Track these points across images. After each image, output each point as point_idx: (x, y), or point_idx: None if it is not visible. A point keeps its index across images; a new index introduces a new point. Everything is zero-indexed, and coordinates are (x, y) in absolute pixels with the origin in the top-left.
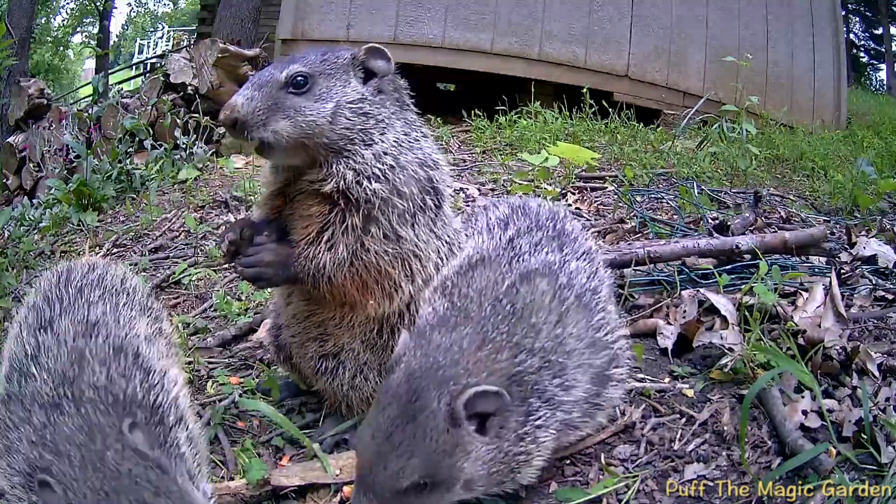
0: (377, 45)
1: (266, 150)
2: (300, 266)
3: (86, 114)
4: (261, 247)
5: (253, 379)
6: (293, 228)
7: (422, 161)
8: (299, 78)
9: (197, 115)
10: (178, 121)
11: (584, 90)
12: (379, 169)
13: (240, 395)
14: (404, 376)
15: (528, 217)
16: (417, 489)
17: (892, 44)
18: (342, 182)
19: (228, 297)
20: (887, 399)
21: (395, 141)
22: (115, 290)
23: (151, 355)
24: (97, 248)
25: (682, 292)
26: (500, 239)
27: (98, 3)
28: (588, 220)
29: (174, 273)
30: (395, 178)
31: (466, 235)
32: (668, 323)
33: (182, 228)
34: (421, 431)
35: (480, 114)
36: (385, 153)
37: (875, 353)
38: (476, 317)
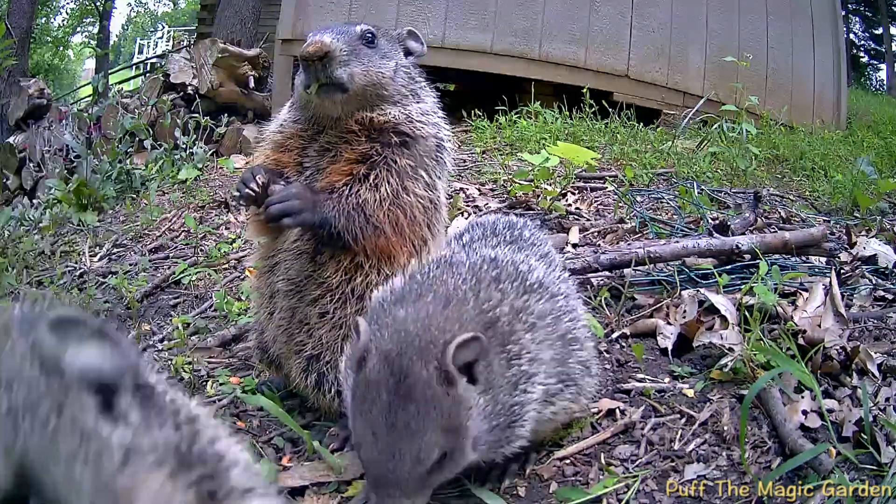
0: (413, 29)
1: (332, 91)
2: (334, 202)
3: (86, 114)
4: (290, 185)
5: (253, 378)
6: (322, 176)
7: (445, 128)
8: (369, 34)
9: (197, 115)
10: (178, 121)
11: (584, 90)
12: (427, 118)
13: (241, 394)
14: (381, 362)
15: (482, 228)
16: (438, 465)
17: (892, 44)
18: (393, 119)
19: (228, 297)
20: (887, 399)
21: (433, 103)
22: None
23: None
24: (97, 247)
25: (682, 292)
26: (458, 245)
27: (98, 3)
28: (588, 220)
29: (174, 273)
30: (437, 133)
31: None
32: (668, 323)
33: (182, 228)
34: (423, 406)
35: (480, 114)
36: (430, 111)
37: (875, 353)
38: (438, 289)
